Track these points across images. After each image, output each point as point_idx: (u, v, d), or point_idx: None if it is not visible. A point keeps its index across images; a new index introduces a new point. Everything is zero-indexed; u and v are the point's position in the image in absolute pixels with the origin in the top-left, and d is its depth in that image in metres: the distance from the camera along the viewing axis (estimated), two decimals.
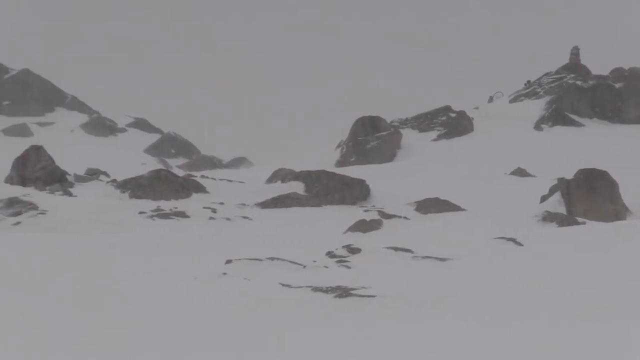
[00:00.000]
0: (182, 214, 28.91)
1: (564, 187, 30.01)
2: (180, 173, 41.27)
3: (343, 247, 21.16)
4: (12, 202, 30.14)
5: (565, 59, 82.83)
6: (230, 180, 36.37)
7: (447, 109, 66.34)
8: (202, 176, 37.14)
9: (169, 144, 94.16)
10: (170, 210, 29.52)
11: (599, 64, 79.33)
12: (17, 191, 32.18)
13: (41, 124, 70.10)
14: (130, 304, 14.83)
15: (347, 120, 60.53)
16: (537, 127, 65.95)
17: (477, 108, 71.26)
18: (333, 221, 26.97)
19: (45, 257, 20.72)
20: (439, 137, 61.54)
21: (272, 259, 19.08)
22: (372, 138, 57.56)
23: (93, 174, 37.16)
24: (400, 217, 28.25)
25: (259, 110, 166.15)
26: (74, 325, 12.99)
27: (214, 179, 36.19)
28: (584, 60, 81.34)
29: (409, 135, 59.18)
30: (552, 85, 77.48)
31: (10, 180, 35.63)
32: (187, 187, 33.39)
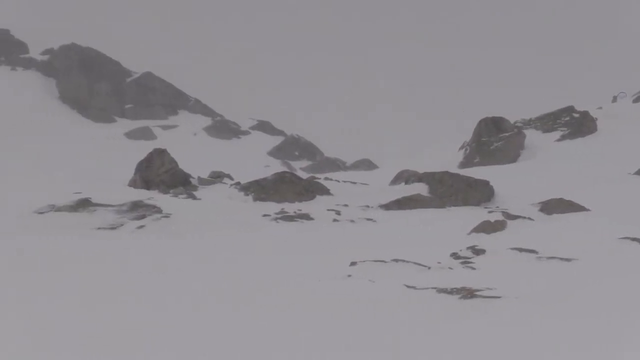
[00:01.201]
0: (306, 216, 29.32)
1: None
2: (304, 175, 41.76)
3: (467, 248, 21.30)
4: (135, 206, 30.92)
5: None
6: (354, 182, 36.65)
7: (570, 109, 65.30)
8: (326, 178, 37.47)
9: (293, 147, 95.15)
10: (294, 212, 29.95)
11: None
12: (141, 194, 32.96)
13: (164, 127, 71.79)
14: (259, 306, 15.40)
15: (471, 121, 60.23)
16: None
17: (600, 108, 69.91)
18: (457, 222, 27.00)
19: (178, 260, 21.54)
20: (563, 138, 60.60)
21: (396, 260, 19.33)
22: (495, 139, 57.09)
23: (217, 177, 37.74)
24: (524, 217, 28.10)
25: (381, 111, 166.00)
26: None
27: (338, 181, 36.49)
28: None
29: (532, 136, 58.43)
30: None
31: (133, 183, 36.39)
32: (310, 190, 33.77)
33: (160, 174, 35.85)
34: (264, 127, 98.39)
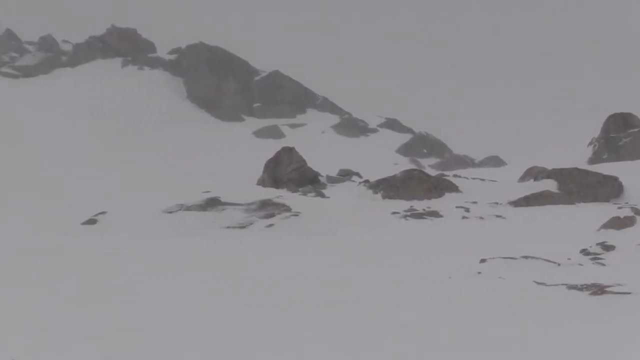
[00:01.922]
0: (435, 214, 29.50)
1: None
2: (433, 173, 41.86)
3: (597, 244, 21.28)
4: (265, 204, 31.54)
5: None
6: (483, 179, 36.60)
7: None
8: (455, 175, 37.56)
9: (421, 144, 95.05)
10: (423, 210, 30.17)
11: None
12: (270, 193, 33.55)
13: (292, 126, 72.63)
14: (399, 305, 15.83)
15: (597, 117, 59.28)
16: None
17: None
18: (586, 218, 26.84)
19: (308, 258, 22.06)
20: None
21: (526, 257, 19.43)
22: (624, 135, 56.13)
23: (345, 175, 38.12)
24: None
25: (508, 107, 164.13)
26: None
27: (467, 178, 36.52)
28: None
29: None
30: None
31: (262, 182, 37.01)
32: (439, 187, 33.91)
33: (289, 172, 36.37)
34: (392, 124, 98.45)
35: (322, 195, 33.48)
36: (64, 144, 52.14)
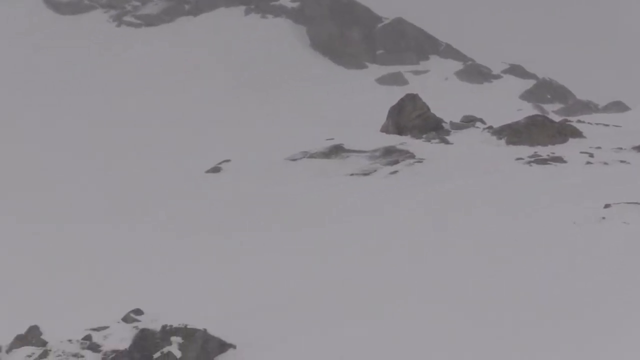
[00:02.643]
0: (559, 159, 29.16)
1: None
2: (556, 118, 41.27)
3: None
4: (388, 151, 31.53)
5: None
6: (607, 125, 35.98)
7: None
8: (578, 121, 36.96)
9: (544, 90, 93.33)
10: (547, 155, 29.83)
11: None
12: (393, 140, 33.51)
13: (415, 73, 72.15)
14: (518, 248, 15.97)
15: None
16: None
17: None
18: None
19: (435, 205, 22.24)
20: None
21: None
22: None
23: (469, 121, 37.74)
24: None
25: (633, 53, 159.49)
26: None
27: (590, 124, 35.94)
28: None
29: None
30: None
31: (386, 129, 36.93)
32: (563, 132, 33.43)
33: (413, 119, 36.21)
34: (516, 70, 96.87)
35: (446, 142, 33.30)
36: (189, 93, 52.87)
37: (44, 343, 15.00)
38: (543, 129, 33.48)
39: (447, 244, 18.79)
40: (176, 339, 14.76)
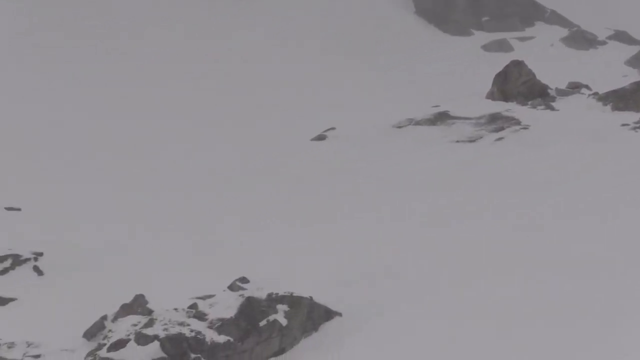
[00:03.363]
0: None
1: None
2: None
3: None
4: (494, 118, 30.95)
5: None
6: None
7: None
8: None
9: None
10: None
11: None
12: (499, 107, 32.90)
13: (521, 39, 70.63)
14: None
15: None
16: None
17: None
18: None
19: (539, 171, 21.68)
20: None
21: None
22: None
23: (574, 88, 36.91)
24: None
25: None
26: None
27: None
28: None
29: None
30: None
31: (491, 95, 36.37)
32: None
33: (518, 85, 35.56)
34: (621, 36, 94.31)
35: (552, 108, 32.55)
36: (294, 61, 52.63)
37: (149, 312, 14.88)
38: None
39: (560, 210, 18.37)
40: (282, 307, 14.55)
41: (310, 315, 14.79)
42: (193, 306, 14.54)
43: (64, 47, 48.82)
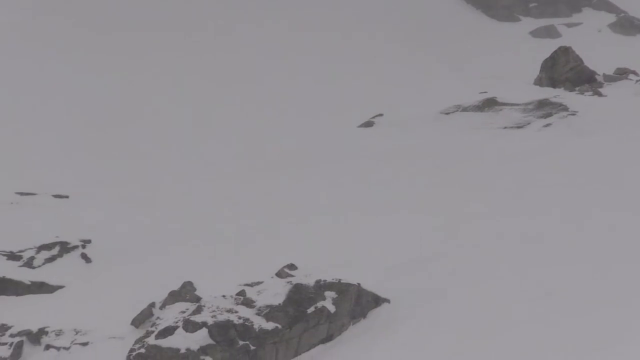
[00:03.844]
0: None
1: None
2: None
3: None
4: (542, 104, 30.58)
5: None
6: None
7: None
8: None
9: None
10: None
11: None
12: (547, 93, 32.55)
13: (568, 25, 69.68)
14: None
15: None
16: None
17: None
18: None
19: (584, 159, 21.29)
20: None
21: None
22: None
23: (622, 74, 36.39)
24: None
25: None
26: None
27: None
28: None
29: None
30: None
31: (539, 81, 36.09)
32: None
33: (566, 71, 35.19)
34: None
35: (599, 94, 32.08)
36: (340, 49, 52.35)
37: (197, 299, 14.75)
38: None
39: (608, 199, 18.01)
40: (330, 294, 14.36)
41: (358, 301, 14.60)
42: (241, 293, 14.37)
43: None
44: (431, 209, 19.51)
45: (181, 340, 13.19)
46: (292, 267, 15.33)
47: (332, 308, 14.18)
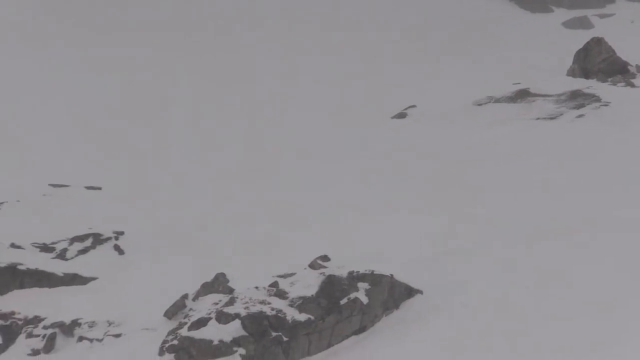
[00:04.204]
0: None
1: None
2: None
3: None
4: (574, 95, 30.36)
5: None
6: None
7: None
8: None
9: None
10: None
11: None
12: (580, 84, 32.30)
13: (601, 16, 69.01)
14: None
15: None
16: None
17: None
18: None
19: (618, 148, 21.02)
20: None
21: None
22: None
23: None
24: None
25: None
26: None
27: None
28: None
29: None
30: None
31: (572, 72, 35.90)
32: None
33: (598, 62, 34.96)
34: None
35: (632, 85, 31.83)
36: (371, 42, 52.07)
37: (230, 290, 14.62)
38: None
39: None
40: (363, 285, 14.18)
41: (391, 293, 14.41)
42: (274, 284, 14.22)
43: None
44: (463, 199, 19.37)
45: (214, 332, 13.05)
46: (325, 258, 15.18)
47: (365, 299, 14.01)
